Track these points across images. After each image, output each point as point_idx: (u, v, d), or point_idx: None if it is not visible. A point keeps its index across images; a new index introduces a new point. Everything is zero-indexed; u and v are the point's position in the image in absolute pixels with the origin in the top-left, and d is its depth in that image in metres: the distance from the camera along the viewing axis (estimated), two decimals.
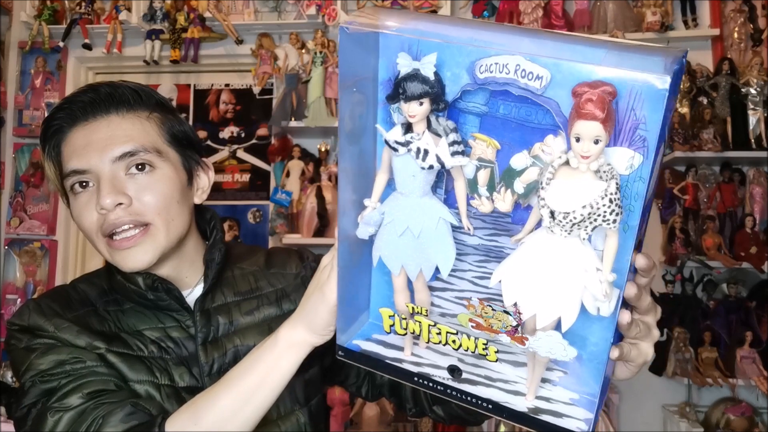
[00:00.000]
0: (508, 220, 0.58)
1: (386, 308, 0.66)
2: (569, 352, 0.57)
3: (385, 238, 0.63)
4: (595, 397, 0.60)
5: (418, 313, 0.64)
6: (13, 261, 2.99)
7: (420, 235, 0.61)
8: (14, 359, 0.85)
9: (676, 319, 2.55)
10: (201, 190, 0.95)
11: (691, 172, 2.59)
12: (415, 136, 0.58)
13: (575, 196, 0.51)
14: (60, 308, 0.87)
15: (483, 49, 0.52)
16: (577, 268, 0.54)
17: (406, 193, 0.61)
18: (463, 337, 0.62)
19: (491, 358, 0.61)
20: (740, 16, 2.65)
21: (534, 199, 0.55)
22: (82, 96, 0.87)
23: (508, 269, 0.58)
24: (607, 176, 0.51)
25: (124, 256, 0.84)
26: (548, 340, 0.57)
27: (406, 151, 0.59)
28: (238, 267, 1.00)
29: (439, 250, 0.61)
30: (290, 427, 0.93)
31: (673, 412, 2.54)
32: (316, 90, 2.67)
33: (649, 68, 0.46)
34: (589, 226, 0.52)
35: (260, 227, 2.98)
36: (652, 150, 0.49)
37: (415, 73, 0.55)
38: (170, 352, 0.88)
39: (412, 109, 0.57)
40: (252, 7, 2.91)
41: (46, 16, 2.95)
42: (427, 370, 0.65)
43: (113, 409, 0.76)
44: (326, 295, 0.70)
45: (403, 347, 0.67)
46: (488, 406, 0.61)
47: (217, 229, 0.97)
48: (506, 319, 0.58)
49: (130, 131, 0.86)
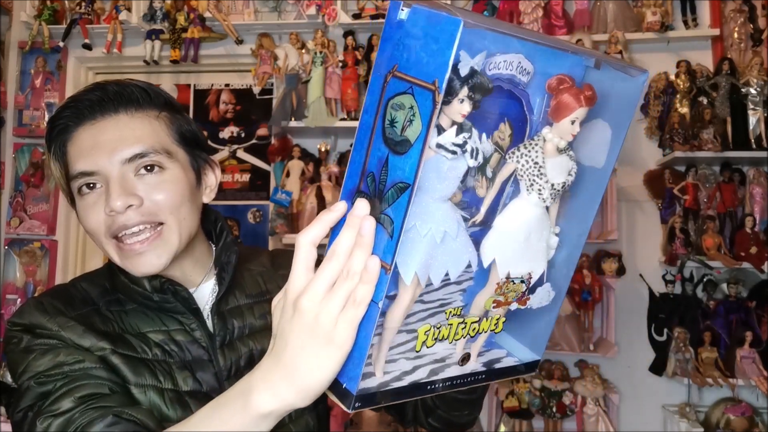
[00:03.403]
0: (464, 205, 0.60)
1: (424, 325, 0.59)
2: (551, 294, 0.68)
3: (421, 249, 0.56)
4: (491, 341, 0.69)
5: (454, 315, 0.61)
6: (13, 261, 2.99)
7: (457, 237, 0.58)
8: (12, 360, 0.82)
9: (676, 319, 2.55)
10: (209, 189, 0.94)
11: (691, 172, 2.59)
12: (466, 135, 0.55)
13: (562, 168, 0.62)
14: (63, 306, 0.85)
15: (492, 47, 0.53)
16: (546, 227, 0.65)
17: (436, 199, 0.57)
18: (483, 321, 0.64)
19: (499, 329, 0.66)
20: (740, 16, 2.65)
21: (494, 182, 0.61)
22: (89, 94, 0.85)
23: (496, 245, 0.62)
24: (567, 152, 0.62)
25: (137, 262, 0.83)
26: (542, 292, 0.67)
27: (461, 153, 0.55)
28: (247, 268, 1.00)
29: (468, 246, 0.60)
30: (301, 428, 0.92)
31: (673, 412, 2.54)
32: (316, 90, 2.67)
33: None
34: (563, 192, 0.64)
35: (260, 227, 2.98)
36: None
37: (474, 71, 0.52)
38: (174, 356, 0.86)
39: (468, 107, 0.53)
40: (252, 7, 2.91)
41: (46, 16, 2.95)
42: (440, 372, 0.64)
43: (95, 418, 0.73)
44: (337, 343, 0.54)
45: (372, 372, 0.59)
46: (467, 379, 0.67)
47: (227, 230, 0.96)
48: (520, 288, 0.64)
49: (140, 132, 0.84)
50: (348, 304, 0.54)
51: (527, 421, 2.57)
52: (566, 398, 2.55)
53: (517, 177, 0.61)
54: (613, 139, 0.64)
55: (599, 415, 2.52)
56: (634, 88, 0.64)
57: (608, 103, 0.62)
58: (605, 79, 0.61)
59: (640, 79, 0.63)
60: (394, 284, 0.56)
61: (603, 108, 0.62)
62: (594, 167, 0.65)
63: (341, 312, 0.54)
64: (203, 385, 0.86)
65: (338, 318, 0.54)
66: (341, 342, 0.54)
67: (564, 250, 0.67)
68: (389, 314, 0.57)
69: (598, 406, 2.53)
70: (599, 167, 0.65)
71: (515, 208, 0.62)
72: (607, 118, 0.63)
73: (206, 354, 0.89)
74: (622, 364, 2.65)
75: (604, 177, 0.66)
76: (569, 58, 0.59)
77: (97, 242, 0.85)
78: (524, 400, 2.57)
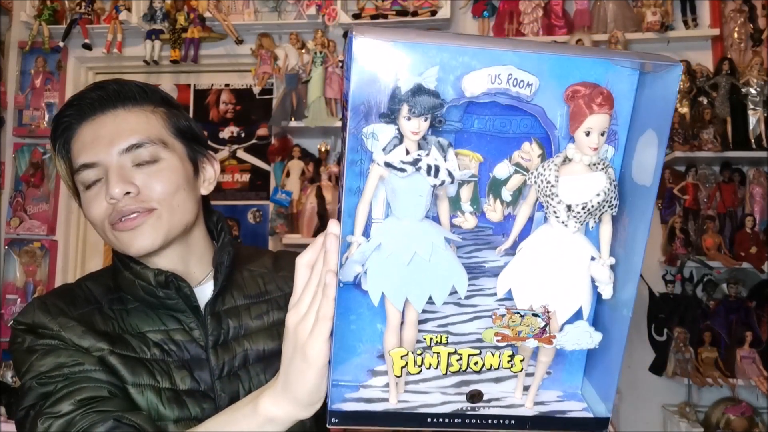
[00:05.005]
0: (489, 232, 0.58)
1: (399, 349, 0.58)
2: (595, 337, 0.60)
3: (387, 270, 0.57)
4: (578, 388, 0.63)
5: (437, 343, 0.59)
6: (13, 261, 2.99)
7: (431, 259, 0.57)
8: (16, 359, 0.86)
9: (676, 319, 2.55)
10: (208, 182, 0.97)
11: (691, 172, 2.59)
12: (421, 153, 0.55)
13: (587, 187, 0.56)
14: (65, 306, 0.88)
15: (473, 62, 0.52)
16: (585, 257, 0.58)
17: (404, 218, 0.57)
18: (487, 354, 0.59)
19: (516, 369, 0.60)
20: (740, 16, 2.65)
21: (519, 206, 0.57)
22: (90, 93, 0.90)
23: (514, 275, 0.58)
24: (599, 167, 0.56)
25: (129, 237, 0.86)
26: (575, 332, 0.59)
27: (414, 171, 0.55)
28: (247, 269, 1.01)
29: (451, 270, 0.58)
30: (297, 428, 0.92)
31: (673, 412, 2.54)
32: (316, 90, 2.67)
33: (617, 70, 0.54)
34: (598, 213, 0.57)
35: (260, 227, 2.97)
36: (623, 143, 0.57)
37: (419, 87, 0.53)
38: (172, 355, 0.88)
39: (416, 125, 0.53)
40: (252, 7, 2.91)
41: (46, 16, 2.95)
42: (438, 407, 0.61)
43: (96, 422, 0.75)
44: (309, 357, 0.58)
45: (386, 398, 0.60)
46: (511, 422, 0.60)
47: (225, 231, 0.98)
48: (534, 323, 0.59)
49: (136, 124, 0.88)
50: (317, 320, 0.58)
51: None
52: None
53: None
54: (659, 149, 0.56)
55: None
56: (670, 84, 0.55)
57: (653, 106, 0.56)
58: (643, 81, 0.56)
59: (674, 71, 0.55)
60: (381, 306, 0.58)
61: (649, 114, 0.56)
62: (644, 186, 0.57)
63: (316, 324, 0.58)
64: (201, 383, 0.88)
65: (311, 333, 0.58)
66: (312, 357, 0.58)
67: (618, 285, 0.60)
68: (384, 338, 0.59)
69: None
70: (648, 185, 0.57)
71: (538, 234, 0.58)
72: (653, 125, 0.56)
73: (204, 353, 0.90)
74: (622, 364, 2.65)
75: (651, 196, 0.57)
76: (594, 64, 0.55)
77: (100, 232, 0.89)
78: None
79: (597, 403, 0.63)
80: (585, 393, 0.64)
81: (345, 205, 0.56)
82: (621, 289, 0.60)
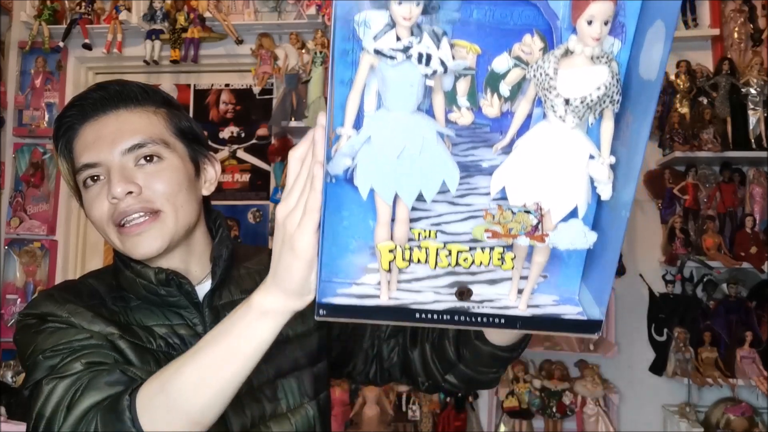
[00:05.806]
0: (487, 129, 0.56)
1: (386, 243, 0.57)
2: (589, 237, 0.57)
3: (376, 164, 0.55)
4: (575, 293, 0.62)
5: (426, 238, 0.57)
6: (13, 261, 2.98)
7: (422, 152, 0.55)
8: (22, 343, 0.84)
9: (676, 319, 2.55)
10: (209, 183, 0.98)
11: (691, 172, 2.59)
12: (413, 40, 0.52)
13: (587, 80, 0.53)
14: (72, 297, 0.88)
15: None
16: (583, 154, 0.55)
17: (395, 109, 0.54)
18: (477, 251, 0.58)
19: (507, 267, 0.59)
20: (740, 16, 2.65)
21: (517, 102, 0.55)
22: (92, 94, 0.91)
23: (508, 172, 0.56)
24: (602, 60, 0.53)
25: (135, 243, 0.86)
26: (569, 231, 0.57)
27: (404, 58, 0.52)
28: (245, 267, 1.01)
29: (442, 165, 0.56)
30: (300, 419, 0.94)
31: (673, 412, 2.54)
32: (316, 90, 2.67)
33: None
34: (599, 108, 0.54)
35: (260, 227, 2.97)
36: (630, 36, 0.53)
37: None
38: (177, 349, 0.88)
39: (407, 11, 0.50)
40: (252, 7, 2.91)
41: (46, 16, 2.94)
42: (429, 304, 0.59)
43: (101, 371, 0.75)
44: (297, 249, 0.60)
45: (378, 295, 0.59)
46: (501, 321, 0.59)
47: (223, 227, 0.99)
48: (526, 220, 0.57)
49: (138, 124, 0.89)
50: (305, 212, 0.58)
51: (527, 421, 2.56)
52: (566, 398, 2.55)
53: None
54: (666, 40, 0.52)
55: (599, 415, 2.53)
56: None
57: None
58: None
59: None
60: (372, 202, 0.57)
61: (659, 2, 0.52)
62: (649, 80, 0.53)
63: (304, 216, 0.58)
64: None
65: (299, 226, 0.59)
66: (300, 249, 0.59)
67: (617, 184, 0.57)
68: (375, 233, 0.58)
69: (598, 406, 2.53)
70: (653, 79, 0.53)
71: (535, 131, 0.55)
72: (663, 14, 0.51)
73: None
74: (622, 364, 2.65)
75: (655, 91, 0.53)
76: None
77: (101, 231, 0.90)
78: (524, 400, 2.56)
79: (591, 306, 0.61)
80: (582, 298, 0.63)
81: (336, 97, 0.55)
82: (621, 190, 0.56)
